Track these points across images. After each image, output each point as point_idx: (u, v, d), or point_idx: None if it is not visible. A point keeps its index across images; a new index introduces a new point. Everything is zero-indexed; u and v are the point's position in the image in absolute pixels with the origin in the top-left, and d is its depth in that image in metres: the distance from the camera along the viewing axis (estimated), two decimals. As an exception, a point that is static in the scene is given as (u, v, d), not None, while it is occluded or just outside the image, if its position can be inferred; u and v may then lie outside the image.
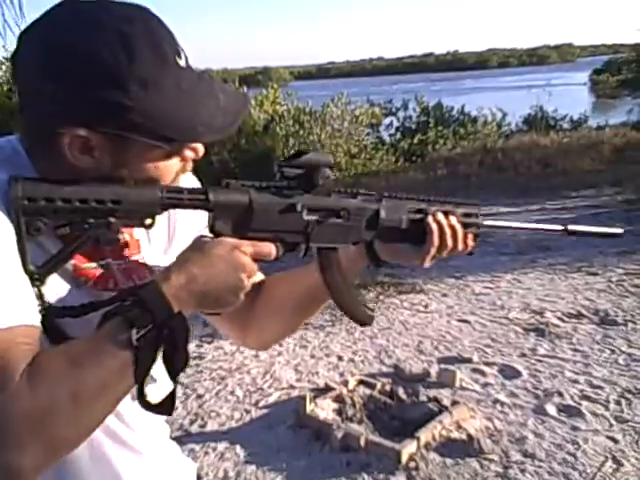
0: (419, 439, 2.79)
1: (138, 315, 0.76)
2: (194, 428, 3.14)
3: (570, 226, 1.16)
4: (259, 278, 1.11)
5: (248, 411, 3.28)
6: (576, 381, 3.38)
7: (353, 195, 1.00)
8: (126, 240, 0.94)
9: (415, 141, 11.68)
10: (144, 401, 0.84)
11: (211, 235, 0.88)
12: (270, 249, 0.89)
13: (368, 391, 3.26)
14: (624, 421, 2.97)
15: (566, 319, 4.22)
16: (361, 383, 3.38)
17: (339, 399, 3.17)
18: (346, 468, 2.72)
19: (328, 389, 3.33)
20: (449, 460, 2.73)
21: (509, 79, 53.15)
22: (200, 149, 0.90)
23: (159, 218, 0.88)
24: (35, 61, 0.80)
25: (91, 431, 0.76)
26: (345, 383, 3.37)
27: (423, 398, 3.15)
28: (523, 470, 2.65)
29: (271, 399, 3.38)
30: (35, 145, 0.85)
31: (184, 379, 3.65)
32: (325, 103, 10.37)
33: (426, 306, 4.64)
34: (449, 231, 1.04)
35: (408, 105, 12.88)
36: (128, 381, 0.76)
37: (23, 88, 0.84)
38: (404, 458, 2.71)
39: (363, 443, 2.80)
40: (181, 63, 0.85)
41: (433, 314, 4.48)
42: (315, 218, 0.94)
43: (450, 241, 1.05)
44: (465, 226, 1.07)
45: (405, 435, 2.84)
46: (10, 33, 5.49)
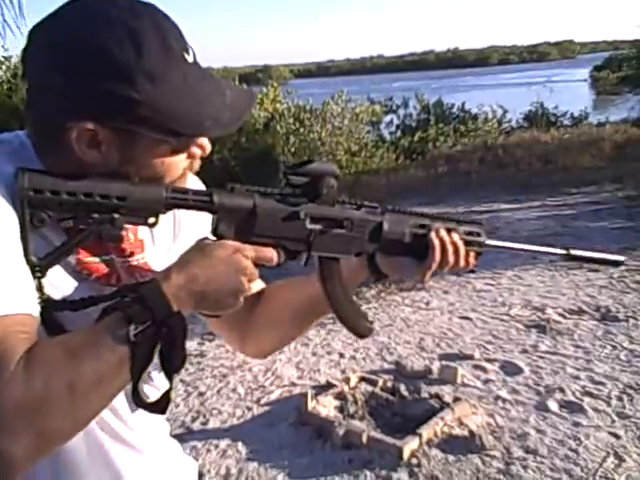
0: (421, 436, 2.80)
1: (137, 311, 0.76)
2: (196, 425, 3.15)
3: (572, 251, 1.17)
4: (259, 286, 1.11)
5: (250, 408, 3.28)
6: (578, 377, 3.38)
7: (357, 206, 1.00)
8: (130, 239, 0.94)
9: (416, 139, 11.67)
10: (138, 398, 0.85)
11: (214, 237, 0.88)
12: (272, 254, 0.89)
13: (370, 388, 3.26)
14: (626, 417, 2.97)
15: (567, 315, 4.22)
16: (363, 380, 3.39)
17: (341, 396, 3.17)
18: (348, 465, 2.73)
19: (330, 386, 3.34)
20: (451, 456, 2.73)
21: (509, 76, 53.11)
22: (207, 146, 0.90)
23: (164, 219, 0.88)
24: (44, 56, 0.81)
25: (85, 424, 0.76)
26: (347, 380, 3.37)
27: (425, 395, 3.16)
28: (525, 466, 2.65)
29: (273, 396, 3.39)
30: (42, 140, 0.85)
31: (186, 377, 3.66)
32: (325, 101, 10.37)
33: (427, 303, 4.64)
34: (451, 248, 1.05)
35: (408, 103, 12.88)
36: (124, 376, 0.76)
37: (32, 83, 0.84)
38: (406, 455, 2.71)
39: (365, 440, 2.81)
40: (188, 59, 0.85)
41: (434, 311, 4.49)
42: (318, 227, 0.94)
43: (452, 258, 1.05)
44: (467, 244, 1.08)
45: (407, 432, 2.84)
46: (10, 33, 5.49)
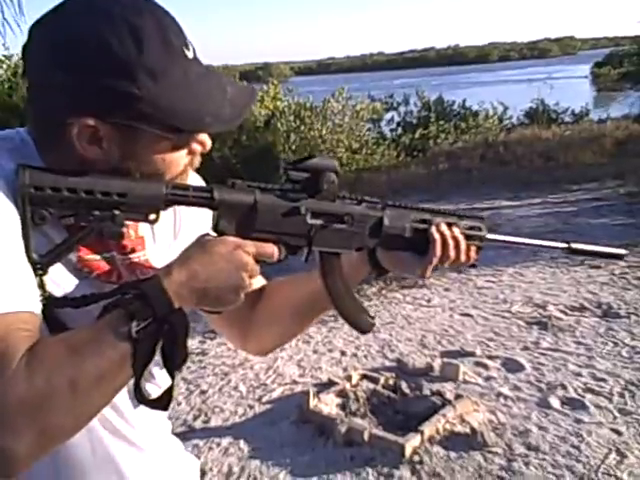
0: (423, 433, 2.80)
1: (139, 308, 0.75)
2: (198, 424, 3.15)
3: (573, 244, 1.16)
4: (260, 283, 1.11)
5: (251, 406, 3.29)
6: (579, 374, 3.38)
7: (358, 201, 0.99)
8: (131, 236, 0.94)
9: (416, 136, 11.67)
10: (140, 395, 0.85)
11: (214, 234, 0.87)
12: (272, 250, 0.88)
13: (371, 385, 3.26)
14: (628, 413, 2.97)
15: (569, 312, 4.22)
16: (364, 378, 3.38)
17: (342, 394, 3.17)
18: (350, 462, 2.73)
19: (331, 384, 3.34)
20: (453, 454, 2.73)
21: (510, 73, 53.08)
22: (207, 142, 0.90)
23: (165, 216, 0.88)
24: (45, 52, 0.81)
25: (87, 421, 0.75)
26: (348, 378, 3.37)
27: (426, 392, 3.16)
28: (527, 463, 2.65)
29: (274, 394, 3.39)
30: (43, 136, 0.85)
31: (187, 375, 3.66)
32: (326, 99, 10.36)
33: (429, 300, 4.64)
34: (452, 242, 1.05)
35: (409, 100, 12.87)
36: (126, 373, 0.76)
37: (33, 80, 0.84)
38: (408, 452, 2.71)
39: (367, 437, 2.80)
40: (189, 55, 0.85)
41: (436, 308, 4.48)
42: (319, 222, 0.94)
43: (452, 252, 1.05)
44: (468, 238, 1.08)
45: (409, 429, 2.84)
46: (10, 31, 5.49)
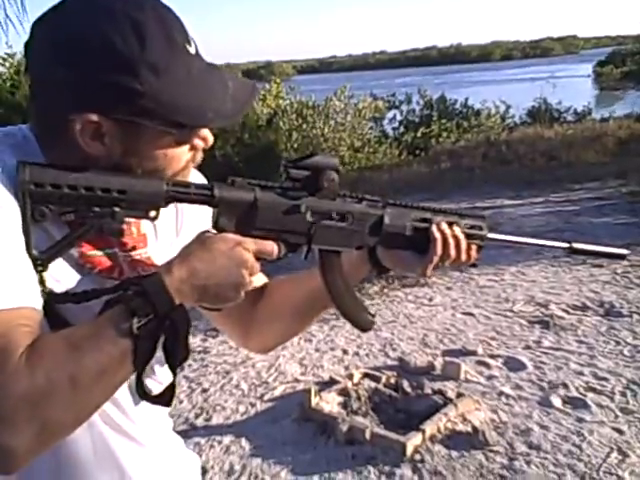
0: (424, 432, 2.79)
1: (140, 305, 0.75)
2: (199, 422, 3.15)
3: (575, 244, 1.16)
4: (262, 281, 1.11)
5: (253, 405, 3.29)
6: (581, 373, 3.38)
7: (358, 200, 0.99)
8: (133, 233, 0.94)
9: (419, 134, 11.68)
10: (142, 391, 0.85)
11: (215, 231, 0.87)
12: (272, 248, 0.89)
13: (373, 384, 3.26)
14: (629, 412, 2.96)
15: (571, 311, 4.21)
16: (366, 376, 3.38)
17: (344, 392, 3.17)
18: (351, 461, 2.73)
19: (333, 382, 3.34)
20: (454, 452, 2.73)
21: (512, 71, 53.03)
22: (209, 138, 0.90)
23: (167, 213, 0.88)
24: (47, 48, 0.81)
25: (87, 416, 0.76)
26: (350, 376, 3.37)
27: (428, 391, 3.15)
28: (528, 462, 2.65)
29: (276, 392, 3.39)
30: (46, 133, 0.86)
31: (189, 373, 3.66)
32: (328, 97, 10.36)
33: (430, 299, 4.64)
34: (452, 241, 1.04)
35: (411, 98, 12.88)
36: (127, 369, 0.76)
37: (35, 76, 0.85)
38: (409, 451, 2.71)
39: (368, 436, 2.81)
40: (191, 50, 0.85)
41: (437, 307, 4.48)
42: (319, 220, 0.94)
43: (453, 251, 1.05)
44: (469, 237, 1.07)
45: (410, 428, 2.84)
46: (12, 30, 5.49)
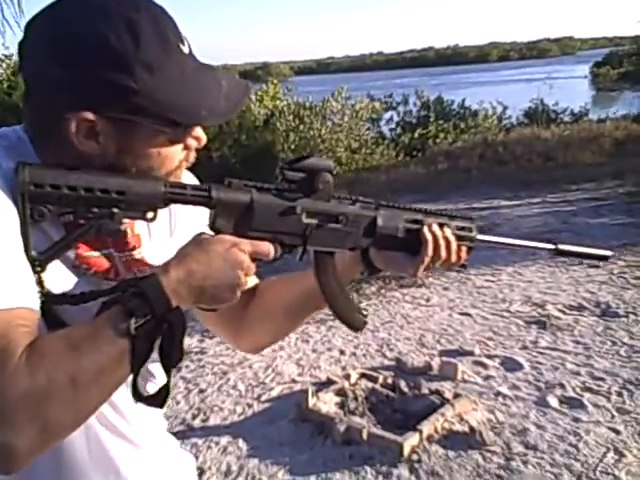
0: (421, 432, 2.80)
1: (138, 305, 0.76)
2: (196, 422, 3.14)
3: (560, 245, 1.19)
4: (253, 282, 1.11)
5: (250, 405, 3.29)
6: (578, 373, 3.38)
7: (352, 201, 1.01)
8: (127, 234, 0.94)
9: (416, 135, 11.69)
10: (136, 392, 0.85)
11: (211, 232, 0.88)
12: (268, 249, 0.90)
13: (370, 384, 3.26)
14: (626, 412, 2.97)
15: (567, 311, 4.22)
16: (363, 376, 3.39)
17: (341, 393, 3.17)
18: (349, 461, 2.73)
19: (330, 383, 3.34)
20: (451, 452, 2.74)
21: (509, 72, 53.15)
22: (203, 138, 0.91)
23: (160, 213, 0.88)
24: (42, 47, 0.81)
25: (87, 416, 0.76)
26: (347, 377, 3.37)
27: (425, 391, 3.16)
28: (525, 462, 2.65)
29: (273, 393, 3.39)
30: (40, 133, 0.86)
31: (186, 374, 3.66)
32: (325, 98, 10.37)
33: (427, 299, 4.64)
34: (443, 242, 1.06)
35: (408, 99, 12.89)
36: (125, 369, 0.76)
37: (29, 76, 0.85)
38: (406, 451, 2.71)
39: (365, 436, 2.81)
40: (184, 50, 0.86)
41: (434, 307, 4.49)
42: (314, 222, 0.96)
43: (444, 252, 1.07)
44: (459, 239, 1.10)
45: (407, 428, 2.84)
46: (9, 31, 5.49)
